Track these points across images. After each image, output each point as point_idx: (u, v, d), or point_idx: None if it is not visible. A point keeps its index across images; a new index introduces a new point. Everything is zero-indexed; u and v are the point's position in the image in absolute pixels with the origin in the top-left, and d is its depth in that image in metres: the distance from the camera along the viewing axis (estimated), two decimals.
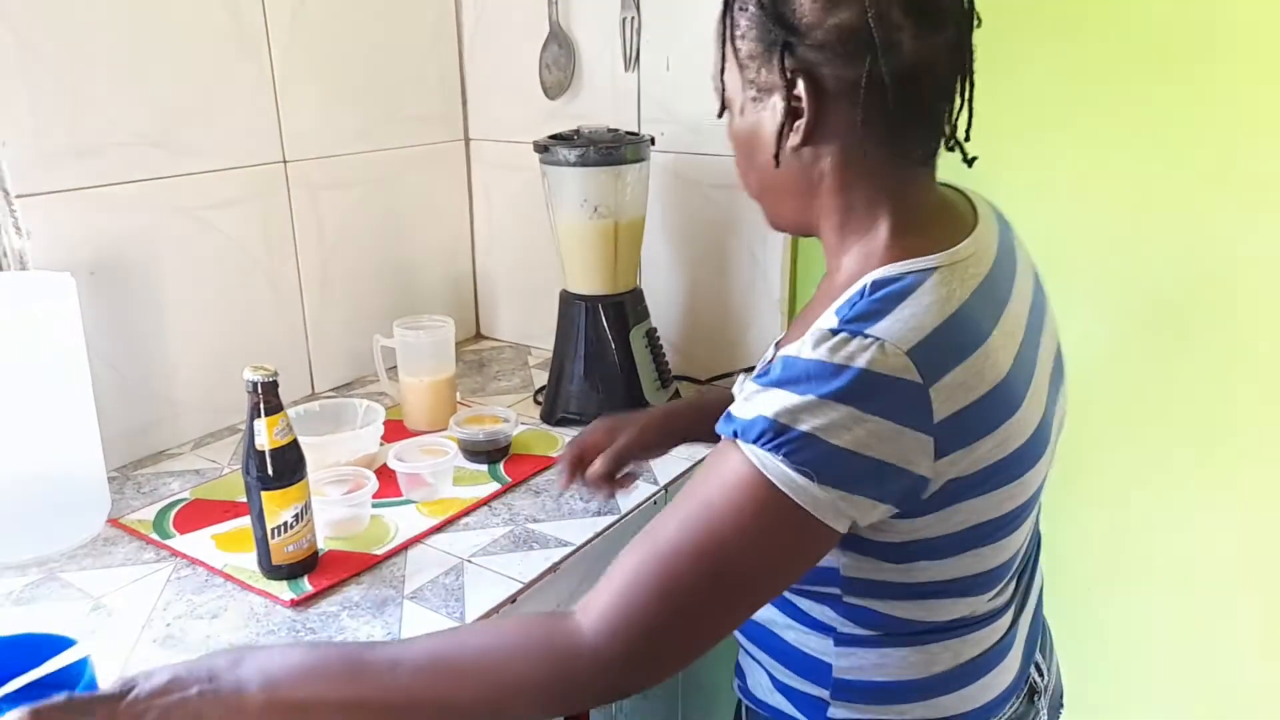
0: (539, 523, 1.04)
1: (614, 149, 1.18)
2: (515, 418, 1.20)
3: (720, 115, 0.78)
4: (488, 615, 0.88)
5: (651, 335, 1.27)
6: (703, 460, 0.80)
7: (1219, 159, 1.07)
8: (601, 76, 1.41)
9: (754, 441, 0.64)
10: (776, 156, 0.72)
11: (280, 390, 0.89)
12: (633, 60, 1.36)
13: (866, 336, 0.64)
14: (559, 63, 1.43)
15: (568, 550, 0.99)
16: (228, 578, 0.94)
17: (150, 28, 1.11)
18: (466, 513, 1.06)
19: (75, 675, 0.70)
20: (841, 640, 0.76)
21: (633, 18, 1.34)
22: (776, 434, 0.63)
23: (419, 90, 1.48)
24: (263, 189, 1.27)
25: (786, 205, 0.78)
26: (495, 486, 1.11)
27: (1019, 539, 0.76)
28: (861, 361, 0.63)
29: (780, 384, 0.65)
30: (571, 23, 1.41)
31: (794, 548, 0.66)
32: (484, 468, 1.16)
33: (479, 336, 1.69)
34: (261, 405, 0.87)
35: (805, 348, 0.65)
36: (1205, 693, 1.23)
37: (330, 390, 1.42)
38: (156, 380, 1.19)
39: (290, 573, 0.92)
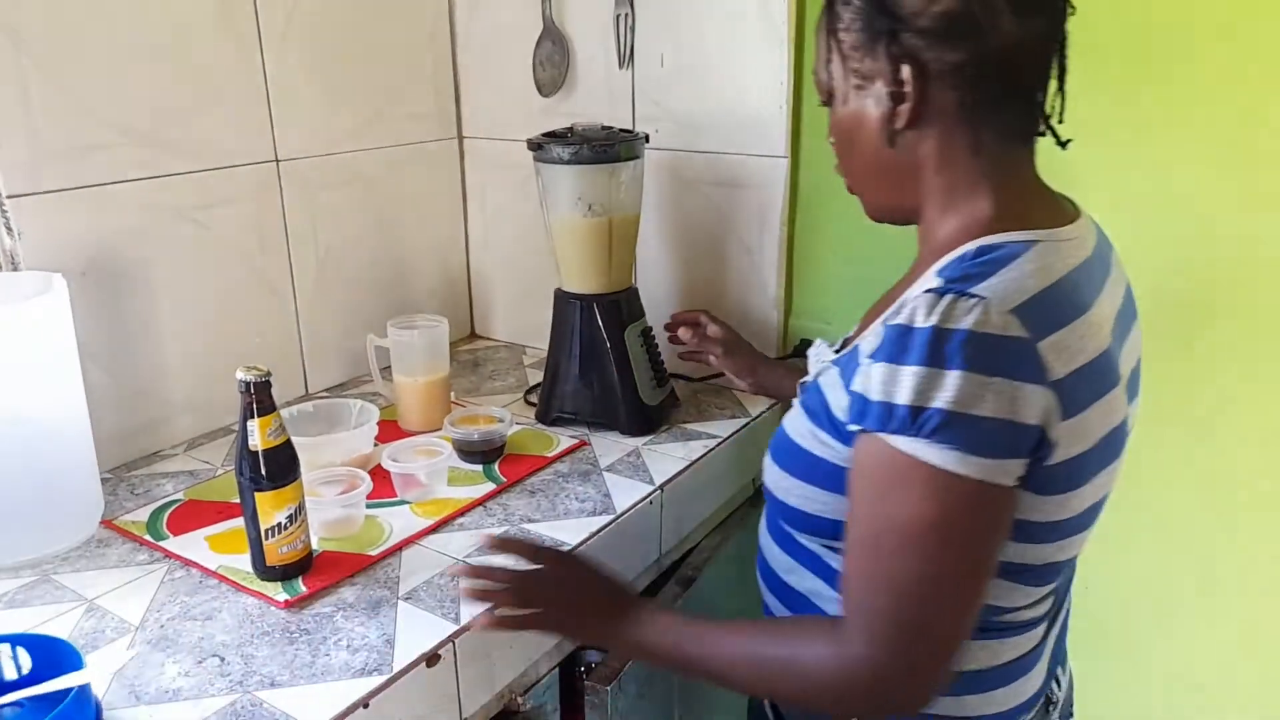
0: (534, 523, 1.04)
1: (608, 146, 1.17)
2: (510, 417, 1.20)
3: (825, 104, 0.81)
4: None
5: (647, 334, 1.27)
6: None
7: (1226, 157, 1.07)
8: (596, 74, 1.41)
9: (895, 432, 0.67)
10: (891, 139, 0.75)
11: (273, 390, 0.88)
12: (627, 57, 1.36)
13: (971, 296, 0.66)
14: (553, 60, 1.42)
15: (563, 550, 0.98)
16: (221, 579, 0.94)
17: (142, 27, 1.11)
18: (461, 513, 1.06)
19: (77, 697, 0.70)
20: None
21: (626, 14, 1.34)
22: (913, 418, 0.66)
23: (412, 88, 1.47)
24: (255, 188, 1.26)
25: (890, 189, 0.80)
26: (490, 487, 1.11)
27: (1079, 543, 0.78)
28: (968, 322, 0.65)
29: (898, 359, 0.67)
30: (565, 20, 1.41)
31: (984, 518, 0.69)
32: (479, 468, 1.15)
33: (473, 336, 1.68)
34: (254, 405, 0.87)
35: (918, 316, 0.67)
36: (1207, 689, 1.23)
37: (324, 391, 1.41)
38: (149, 381, 1.19)
39: (284, 574, 0.92)
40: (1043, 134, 0.76)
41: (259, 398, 0.87)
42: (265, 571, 0.92)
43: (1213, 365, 1.13)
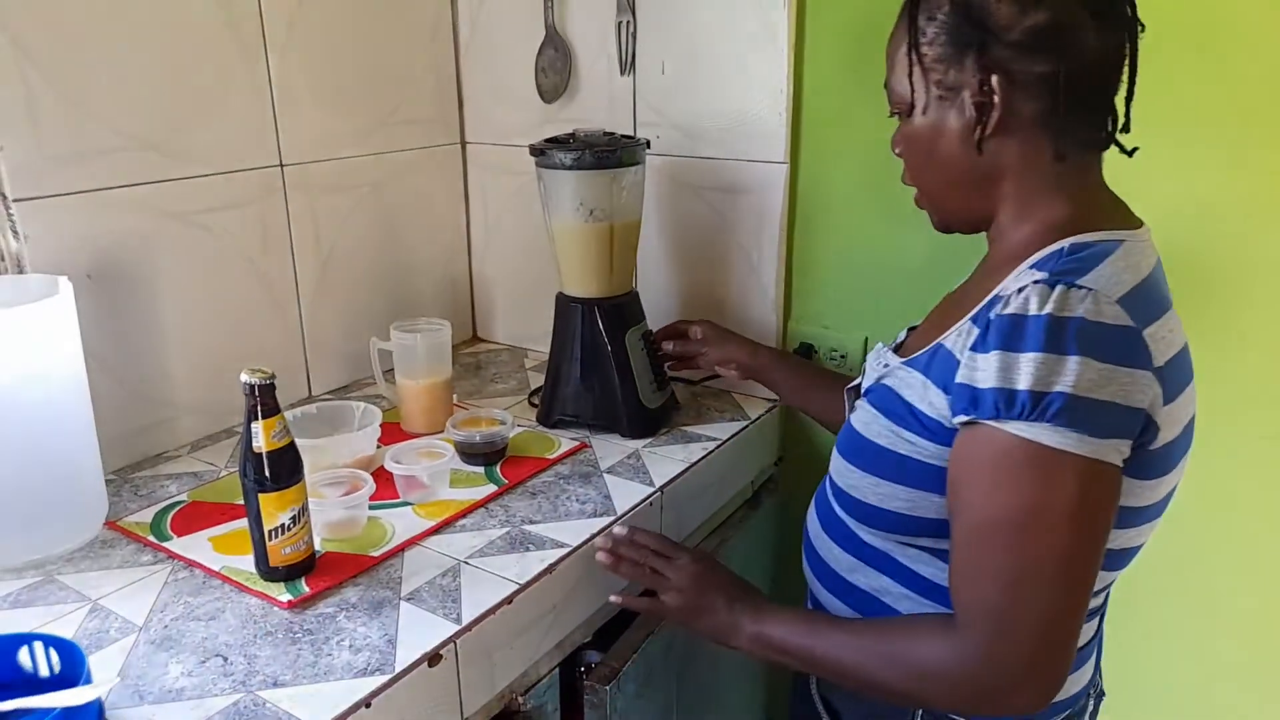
0: (535, 524, 1.05)
1: (609, 152, 1.18)
2: (512, 420, 1.21)
3: (899, 116, 0.85)
4: (483, 617, 0.89)
5: (647, 337, 1.28)
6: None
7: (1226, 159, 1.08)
8: (597, 80, 1.42)
9: (1015, 418, 0.69)
10: (980, 146, 0.78)
11: (277, 393, 0.89)
12: (628, 64, 1.37)
13: (1080, 287, 0.70)
14: (555, 66, 1.43)
15: (564, 551, 0.99)
16: (225, 579, 0.94)
17: (148, 32, 1.12)
18: (463, 515, 1.06)
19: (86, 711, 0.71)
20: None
21: (628, 21, 1.35)
22: (1035, 403, 0.68)
23: (415, 94, 1.48)
24: (260, 193, 1.27)
25: (968, 197, 0.83)
26: (492, 488, 1.12)
27: (1151, 530, 0.82)
28: (1083, 310, 0.69)
29: (1015, 347, 0.70)
30: (567, 26, 1.42)
31: (1104, 496, 0.71)
32: (480, 470, 1.16)
33: (476, 339, 1.69)
34: (258, 408, 0.88)
35: (1030, 305, 0.70)
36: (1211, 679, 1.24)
37: (327, 393, 1.42)
38: (154, 383, 1.20)
39: (288, 574, 0.93)
40: (1108, 144, 0.80)
41: (263, 400, 0.88)
42: (268, 572, 0.93)
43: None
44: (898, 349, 0.92)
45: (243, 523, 0.95)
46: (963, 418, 0.73)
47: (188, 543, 1.01)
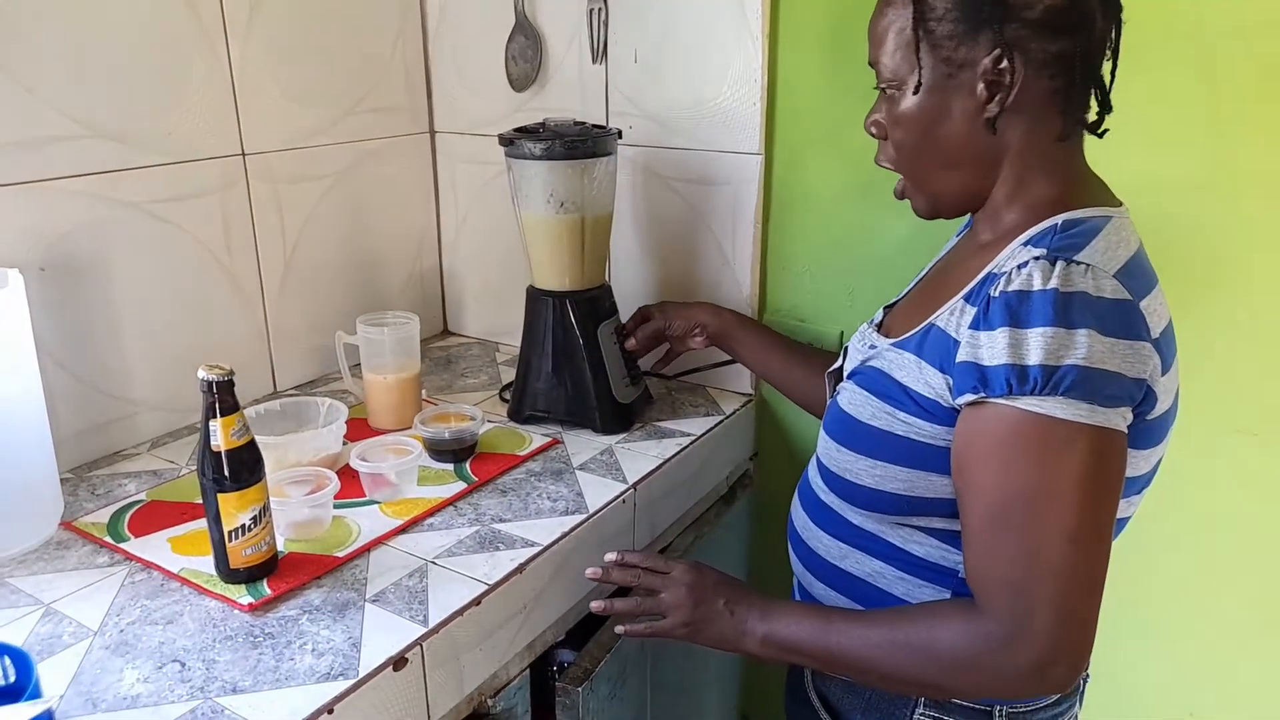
0: (505, 523, 1.03)
1: (580, 142, 1.16)
2: (482, 416, 1.19)
3: (891, 93, 0.82)
4: (451, 618, 0.87)
5: (619, 331, 1.26)
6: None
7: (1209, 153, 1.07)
8: (569, 69, 1.39)
9: (1028, 393, 0.69)
10: (991, 124, 0.77)
11: (239, 389, 0.87)
12: (600, 52, 1.35)
13: (1077, 263, 0.71)
14: (525, 54, 1.41)
15: (534, 550, 0.97)
16: (184, 582, 0.92)
17: (103, 16, 1.08)
18: (431, 513, 1.04)
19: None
20: (963, 588, 0.79)
21: (600, 9, 1.32)
22: (1047, 378, 0.69)
23: (383, 82, 1.45)
24: (221, 183, 1.24)
25: (964, 179, 0.82)
26: (461, 486, 1.10)
27: (1138, 503, 0.83)
28: (1086, 284, 0.70)
29: (1022, 323, 0.70)
30: (537, 14, 1.39)
31: (1116, 465, 0.72)
32: (450, 467, 1.14)
33: (446, 333, 1.67)
34: (217, 405, 0.85)
35: (1034, 280, 0.71)
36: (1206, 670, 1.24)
37: (293, 388, 1.39)
38: (112, 379, 1.16)
39: (248, 576, 0.90)
40: (1100, 123, 0.81)
41: (221, 397, 0.85)
42: (228, 574, 0.90)
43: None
44: (879, 329, 0.92)
45: (203, 523, 0.92)
46: (969, 397, 0.73)
47: (146, 544, 0.98)
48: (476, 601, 0.89)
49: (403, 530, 1.01)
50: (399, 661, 0.81)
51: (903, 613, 0.81)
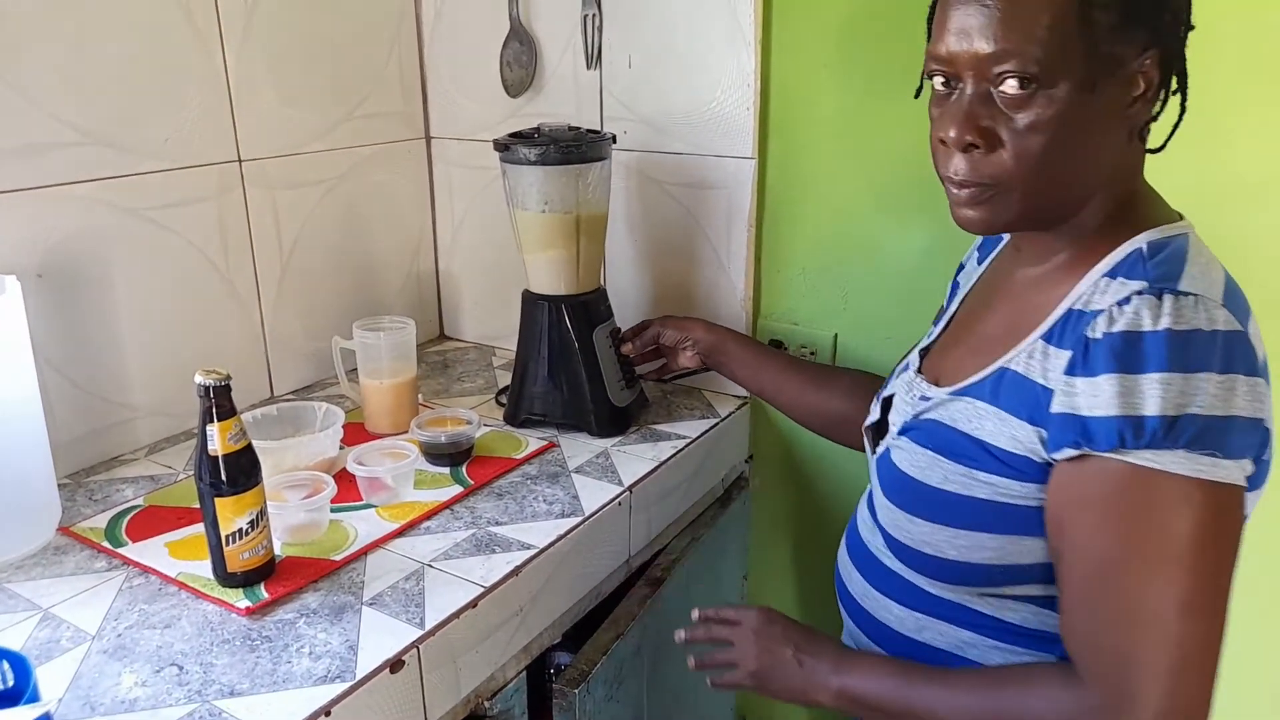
0: (501, 525, 1.03)
1: (575, 147, 1.17)
2: (478, 419, 1.19)
3: (1025, 84, 0.67)
4: (447, 621, 0.87)
5: (615, 335, 1.26)
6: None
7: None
8: (563, 74, 1.40)
9: (1144, 446, 0.63)
10: (1140, 133, 0.71)
11: (236, 394, 0.87)
12: (594, 58, 1.36)
13: (1185, 294, 0.64)
14: (520, 60, 1.41)
15: (530, 553, 0.98)
16: (181, 586, 0.92)
17: (99, 23, 1.09)
18: (427, 516, 1.05)
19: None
20: (1067, 654, 0.71)
21: (593, 15, 1.33)
22: (1167, 429, 0.62)
23: (379, 87, 1.46)
24: (218, 189, 1.25)
25: (1075, 194, 0.72)
26: (457, 489, 1.10)
27: None
28: (1200, 321, 0.63)
29: (1134, 368, 0.63)
30: (532, 20, 1.40)
31: (1235, 524, 0.66)
32: (446, 471, 1.14)
33: (443, 337, 1.67)
34: (214, 409, 0.86)
35: (1143, 320, 0.64)
36: None
37: (290, 393, 1.39)
38: (109, 385, 1.17)
39: (245, 580, 0.91)
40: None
41: (218, 402, 0.86)
42: (226, 578, 0.90)
43: None
44: (919, 373, 0.85)
45: (201, 527, 0.92)
46: (1069, 451, 0.66)
47: (143, 548, 0.98)
48: (473, 604, 0.90)
49: (399, 534, 1.01)
50: (396, 664, 0.82)
51: (994, 675, 0.74)
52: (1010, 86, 0.67)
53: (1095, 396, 0.64)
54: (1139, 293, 0.65)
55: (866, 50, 1.19)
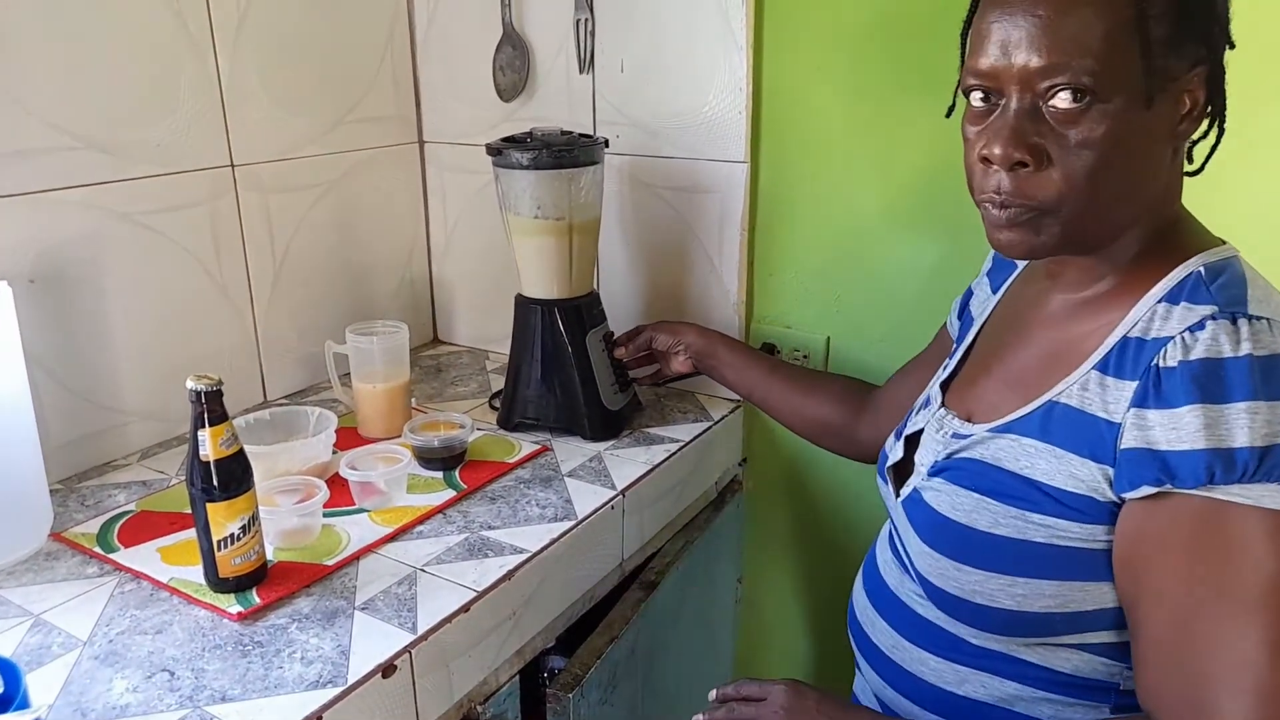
0: (494, 530, 1.03)
1: (567, 151, 1.17)
2: (471, 424, 1.19)
3: (1079, 97, 0.64)
4: (440, 625, 0.87)
5: (609, 339, 1.26)
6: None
7: None
8: (556, 78, 1.40)
9: (1234, 481, 0.59)
10: (1187, 151, 0.68)
11: (228, 399, 0.87)
12: (587, 62, 1.36)
13: (1258, 318, 0.62)
14: (513, 65, 1.42)
15: (523, 557, 0.98)
16: (173, 591, 0.92)
17: (91, 28, 1.09)
18: (420, 521, 1.05)
19: None
20: (1124, 703, 0.69)
21: (586, 19, 1.34)
22: (1260, 461, 0.59)
23: (371, 92, 1.46)
24: (211, 193, 1.24)
25: (1126, 215, 0.69)
26: (450, 494, 1.10)
27: None
28: (1276, 345, 0.61)
29: (1218, 398, 0.60)
30: (525, 24, 1.40)
31: None
32: (439, 475, 1.14)
33: (436, 341, 1.67)
34: (205, 415, 0.85)
35: (1223, 347, 0.61)
36: None
37: (283, 398, 1.39)
38: (102, 390, 1.16)
39: (238, 585, 0.90)
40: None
41: (210, 407, 0.86)
42: (218, 583, 0.90)
43: None
44: (943, 407, 0.81)
45: (193, 533, 0.92)
46: (1147, 489, 0.62)
47: (136, 554, 0.98)
48: (465, 608, 0.90)
49: (392, 538, 1.01)
50: (388, 669, 0.82)
51: None
52: (1062, 100, 0.64)
53: (1176, 430, 0.61)
54: (1211, 317, 0.62)
55: (859, 55, 1.19)
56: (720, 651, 1.45)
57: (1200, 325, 0.62)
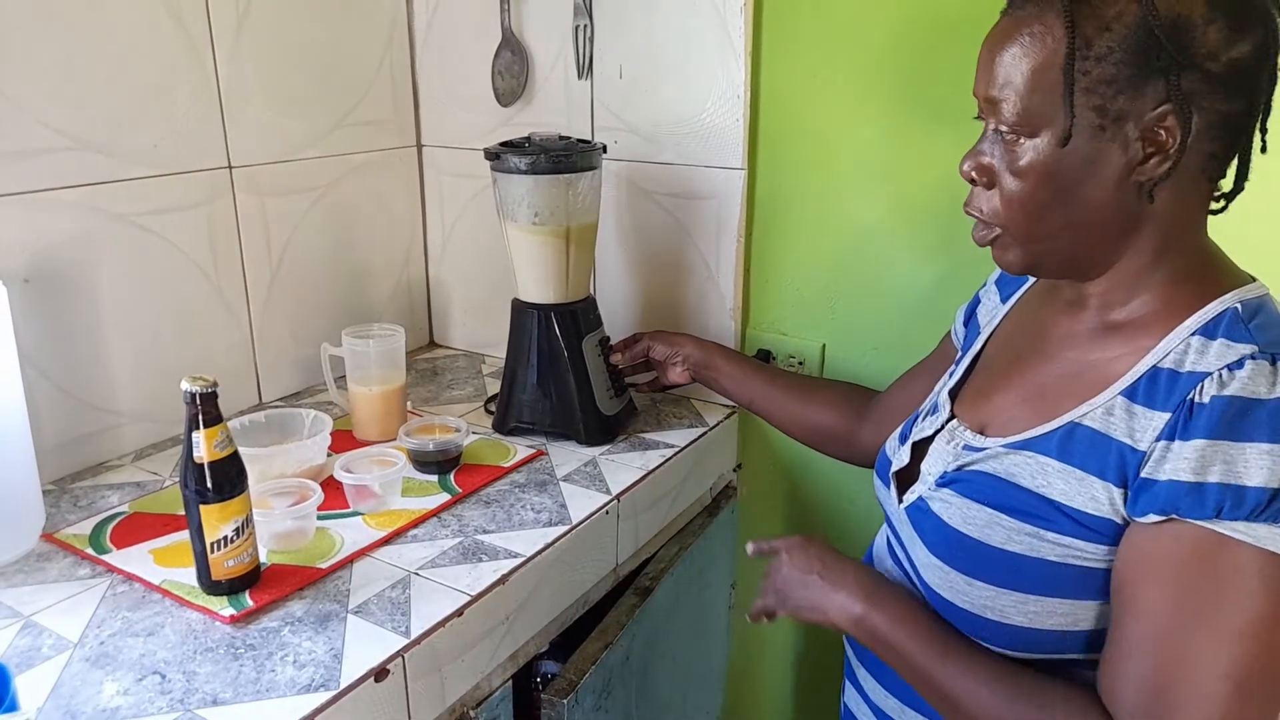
0: (489, 534, 1.03)
1: (565, 157, 1.17)
2: (466, 427, 1.19)
3: (1013, 137, 0.70)
4: (433, 630, 0.87)
5: (604, 344, 1.26)
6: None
7: None
8: (555, 84, 1.40)
9: (1241, 518, 0.60)
10: (1147, 190, 0.67)
11: (223, 401, 0.87)
12: (585, 68, 1.36)
13: None
14: (512, 69, 1.42)
15: (517, 561, 0.98)
16: (165, 594, 0.91)
17: (89, 29, 1.09)
18: (415, 524, 1.04)
19: None
20: None
21: (585, 25, 1.34)
22: (1269, 502, 0.60)
23: (370, 95, 1.46)
24: (208, 195, 1.24)
25: (1086, 242, 0.71)
26: (445, 497, 1.10)
27: None
28: None
29: (1244, 436, 0.61)
30: (524, 30, 1.41)
31: None
32: (434, 478, 1.14)
33: (432, 344, 1.67)
34: (200, 417, 0.85)
35: (1259, 387, 0.61)
36: None
37: (279, 400, 1.39)
38: (96, 391, 1.16)
39: (230, 588, 0.90)
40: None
41: (205, 408, 0.85)
42: (211, 586, 0.90)
43: None
44: (952, 418, 0.82)
45: (186, 535, 0.92)
46: (1154, 517, 0.64)
47: (128, 555, 0.98)
48: (459, 613, 0.89)
49: (386, 542, 1.01)
50: (380, 673, 0.81)
51: (1024, 682, 0.71)
52: (1002, 129, 0.70)
53: (1191, 460, 0.62)
54: (1251, 357, 0.63)
55: (857, 64, 1.20)
56: (713, 657, 1.45)
57: (1239, 364, 0.63)
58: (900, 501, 0.84)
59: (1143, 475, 0.65)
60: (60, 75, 1.07)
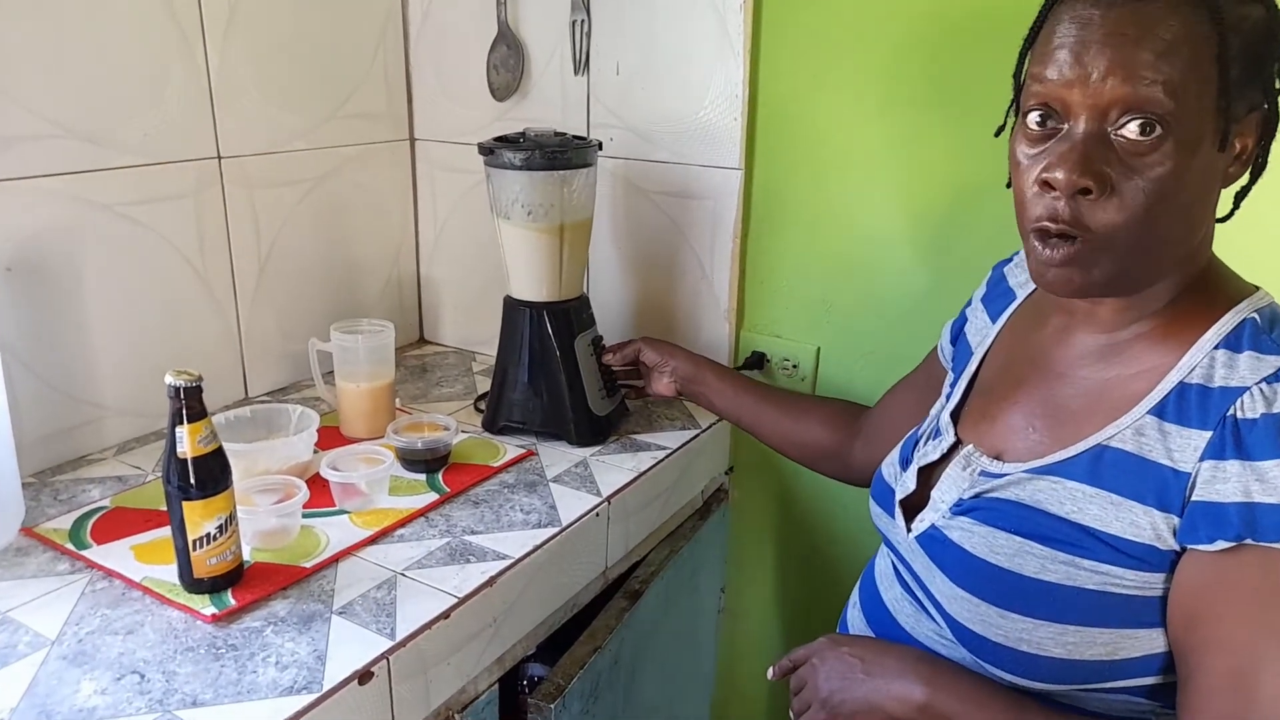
0: (477, 535, 1.01)
1: (560, 153, 1.15)
2: (455, 426, 1.18)
3: (1151, 128, 0.61)
4: (419, 632, 0.85)
5: (597, 343, 1.25)
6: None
7: None
8: (551, 79, 1.39)
9: None
10: (1239, 197, 0.66)
11: (209, 395, 0.85)
12: (582, 64, 1.35)
13: None
14: (507, 64, 1.40)
15: (506, 563, 0.96)
16: (146, 591, 0.90)
17: (76, 16, 1.07)
18: (402, 524, 1.03)
19: None
20: None
21: (582, 20, 1.32)
22: None
23: (363, 88, 1.44)
24: (196, 186, 1.22)
25: (1171, 258, 0.66)
26: (433, 497, 1.08)
27: None
28: None
29: None
30: (520, 24, 1.39)
31: None
32: (422, 477, 1.13)
33: (422, 341, 1.65)
34: (183, 411, 0.84)
35: None
36: None
37: (265, 395, 1.37)
38: (79, 383, 1.14)
39: (212, 586, 0.88)
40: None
41: (189, 403, 0.84)
42: (192, 584, 0.88)
43: None
44: (958, 443, 0.79)
45: (168, 531, 0.90)
46: (1222, 544, 0.61)
47: (108, 551, 0.96)
48: (445, 615, 0.88)
49: (372, 541, 0.99)
50: (364, 675, 0.80)
51: None
52: (1132, 130, 0.61)
53: (1262, 483, 0.60)
54: (1269, 371, 0.62)
55: (858, 65, 1.19)
56: (702, 662, 1.44)
57: (1277, 377, 0.61)
58: (910, 530, 0.80)
59: (1194, 499, 0.62)
60: (48, 62, 1.05)
